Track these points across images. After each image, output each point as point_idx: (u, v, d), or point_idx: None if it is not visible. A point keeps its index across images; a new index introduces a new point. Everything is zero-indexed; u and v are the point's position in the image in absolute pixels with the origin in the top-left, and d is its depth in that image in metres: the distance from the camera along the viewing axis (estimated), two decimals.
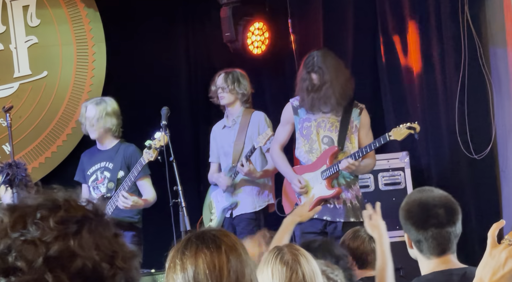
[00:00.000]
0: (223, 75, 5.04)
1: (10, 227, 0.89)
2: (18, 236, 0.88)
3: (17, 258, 0.86)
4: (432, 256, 2.26)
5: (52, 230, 0.89)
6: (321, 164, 4.53)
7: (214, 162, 5.26)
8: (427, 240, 2.25)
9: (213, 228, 2.00)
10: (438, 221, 2.26)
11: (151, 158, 4.41)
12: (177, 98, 6.31)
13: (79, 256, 0.88)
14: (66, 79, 6.21)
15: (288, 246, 2.27)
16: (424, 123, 5.55)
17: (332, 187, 4.51)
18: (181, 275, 1.68)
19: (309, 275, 2.18)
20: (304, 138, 4.60)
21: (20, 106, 6.06)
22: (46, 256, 0.87)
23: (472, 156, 5.21)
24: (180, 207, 4.27)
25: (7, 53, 6.14)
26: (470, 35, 5.25)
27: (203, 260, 1.68)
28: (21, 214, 0.90)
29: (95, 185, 4.87)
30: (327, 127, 4.57)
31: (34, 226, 0.89)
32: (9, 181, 4.26)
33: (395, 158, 5.29)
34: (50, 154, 6.17)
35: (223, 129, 5.19)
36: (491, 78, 5.29)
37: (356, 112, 4.59)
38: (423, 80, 5.54)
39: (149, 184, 4.81)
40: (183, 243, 1.74)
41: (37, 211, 0.90)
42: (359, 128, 4.57)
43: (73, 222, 0.90)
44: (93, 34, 6.26)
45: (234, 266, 1.68)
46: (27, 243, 0.87)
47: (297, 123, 4.63)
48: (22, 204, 0.92)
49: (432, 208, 2.29)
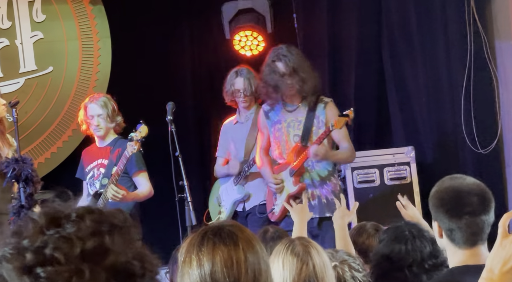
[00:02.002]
0: (243, 79, 5.09)
1: (46, 226, 0.92)
2: (53, 233, 0.92)
3: (55, 250, 0.89)
4: (464, 246, 2.19)
5: (87, 227, 0.93)
6: (290, 163, 4.63)
7: (221, 156, 5.32)
8: (461, 228, 2.17)
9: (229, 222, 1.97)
10: (472, 209, 2.17)
11: (134, 150, 4.40)
12: (182, 93, 6.31)
13: (113, 251, 0.92)
14: (71, 75, 6.22)
15: (299, 238, 2.28)
16: (429, 118, 5.55)
17: (298, 183, 4.58)
18: (198, 272, 1.67)
19: (320, 267, 2.18)
20: (276, 140, 4.72)
21: (26, 101, 6.07)
22: (82, 250, 0.90)
23: (478, 150, 5.21)
24: (186, 202, 4.28)
25: (12, 48, 6.15)
26: (476, 30, 5.24)
27: (220, 258, 1.66)
28: (56, 216, 0.94)
29: (91, 182, 4.87)
30: (295, 125, 4.67)
31: (70, 223, 0.93)
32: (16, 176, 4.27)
33: (401, 152, 5.29)
34: (56, 150, 6.18)
35: (235, 125, 5.27)
36: (497, 73, 5.27)
37: (321, 106, 4.64)
38: (428, 75, 5.53)
39: (145, 179, 4.80)
40: (199, 238, 1.71)
41: (72, 212, 0.95)
42: (326, 122, 4.60)
43: (106, 223, 0.95)
44: (98, 29, 6.27)
45: (251, 264, 1.67)
46: (64, 238, 0.91)
47: (270, 127, 4.75)
48: (56, 208, 0.96)
49: (466, 196, 2.20)
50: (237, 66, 5.29)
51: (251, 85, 5.08)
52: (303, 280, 2.16)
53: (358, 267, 2.60)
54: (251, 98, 5.13)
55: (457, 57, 5.34)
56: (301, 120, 4.64)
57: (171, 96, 5.16)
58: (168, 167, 4.40)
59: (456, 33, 5.33)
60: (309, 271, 2.16)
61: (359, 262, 2.65)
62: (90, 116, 4.82)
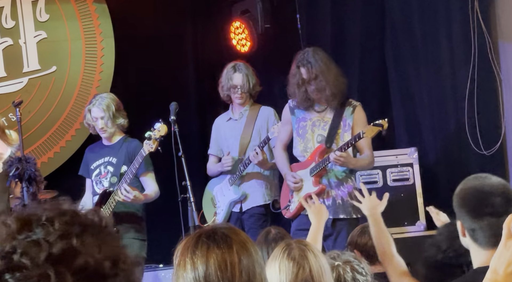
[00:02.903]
0: (242, 75, 5.04)
1: (17, 231, 0.94)
2: (23, 237, 0.93)
3: (22, 255, 0.91)
4: (487, 246, 2.15)
5: (56, 230, 0.93)
6: (311, 162, 4.60)
7: (214, 154, 5.29)
8: (482, 229, 2.14)
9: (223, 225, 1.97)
10: (494, 210, 2.13)
11: (151, 149, 4.41)
12: (185, 93, 6.31)
13: (81, 254, 0.92)
14: (74, 74, 6.22)
15: (297, 242, 2.27)
16: (432, 118, 5.53)
17: (318, 184, 4.55)
18: (192, 275, 1.67)
19: (317, 271, 2.17)
20: (300, 137, 4.67)
21: (29, 101, 6.08)
22: (49, 254, 0.91)
23: (481, 152, 5.19)
24: (189, 202, 4.28)
25: (16, 48, 6.15)
26: (480, 30, 5.22)
27: (214, 261, 1.67)
28: (28, 219, 0.95)
29: (98, 180, 4.87)
30: (321, 126, 4.63)
31: (40, 227, 0.94)
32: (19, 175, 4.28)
33: (404, 154, 5.27)
34: (59, 149, 6.19)
35: (227, 122, 5.21)
36: (501, 73, 5.26)
37: (349, 110, 4.61)
38: (431, 75, 5.52)
39: (152, 180, 4.81)
40: (193, 241, 1.72)
41: (43, 215, 0.95)
42: (353, 126, 4.57)
43: (77, 225, 0.95)
44: (102, 29, 6.27)
45: (245, 266, 1.67)
46: (32, 242, 0.92)
47: (294, 123, 4.70)
48: (30, 211, 0.97)
49: (489, 196, 2.16)
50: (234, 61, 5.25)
51: (249, 82, 5.04)
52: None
53: (362, 270, 2.59)
54: (247, 95, 5.08)
55: (460, 58, 5.33)
56: (327, 121, 4.60)
57: (174, 96, 5.16)
58: (171, 167, 4.40)
59: (459, 34, 5.32)
60: (306, 275, 2.16)
61: (365, 266, 2.63)
62: (94, 118, 4.83)
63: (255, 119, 5.09)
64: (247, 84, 5.03)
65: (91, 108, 4.85)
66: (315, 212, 3.44)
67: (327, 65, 4.56)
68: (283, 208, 4.73)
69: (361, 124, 4.54)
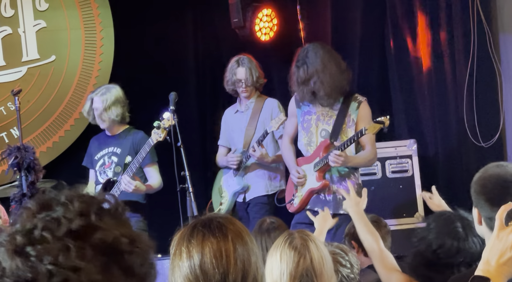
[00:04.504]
0: (245, 69, 5.07)
1: (38, 211, 0.98)
2: (44, 216, 0.98)
3: (43, 230, 0.95)
4: None
5: (75, 208, 0.98)
6: (315, 157, 4.58)
7: (223, 145, 5.33)
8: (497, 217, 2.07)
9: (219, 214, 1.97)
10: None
11: (160, 138, 4.41)
12: (185, 83, 6.31)
13: (100, 229, 0.97)
14: (74, 64, 6.21)
15: (299, 232, 2.28)
16: (432, 111, 5.54)
17: (322, 179, 4.54)
18: (187, 263, 1.68)
19: (318, 260, 2.18)
20: (305, 131, 4.66)
21: (28, 90, 6.07)
22: (69, 229, 0.96)
23: (480, 144, 5.20)
24: (188, 192, 4.29)
25: (15, 37, 6.14)
26: (480, 23, 5.22)
27: (209, 249, 1.68)
28: (48, 201, 1.00)
29: (102, 170, 4.88)
30: (325, 120, 4.61)
31: (60, 206, 0.98)
32: (18, 164, 4.28)
33: (403, 145, 5.28)
34: (58, 139, 6.19)
35: (235, 114, 5.26)
36: (500, 66, 5.26)
37: (354, 105, 4.58)
38: (431, 68, 5.51)
39: (156, 171, 4.82)
40: (189, 230, 1.73)
41: (62, 196, 1.00)
42: (357, 122, 4.55)
43: (95, 204, 1.00)
44: (101, 19, 6.26)
45: (240, 255, 1.68)
46: (52, 219, 0.97)
47: (299, 116, 4.69)
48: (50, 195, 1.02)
49: (510, 185, 2.12)
50: (238, 54, 5.27)
51: (253, 75, 5.08)
52: (300, 273, 2.16)
53: (346, 262, 2.59)
54: (251, 88, 5.13)
55: (460, 50, 5.33)
56: (331, 116, 4.58)
57: (173, 85, 5.16)
58: (170, 157, 4.40)
59: (459, 27, 5.32)
60: (307, 265, 2.17)
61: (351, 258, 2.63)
62: (94, 108, 4.84)
63: (260, 111, 5.13)
64: (250, 77, 5.08)
65: (94, 97, 4.85)
66: (319, 220, 3.43)
67: (324, 64, 4.52)
68: (287, 202, 4.74)
69: (366, 120, 4.51)
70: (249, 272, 1.68)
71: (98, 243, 0.96)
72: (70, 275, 0.93)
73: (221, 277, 1.66)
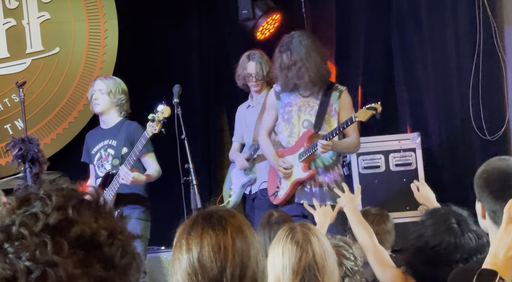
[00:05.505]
0: (255, 64, 5.10)
1: (17, 207, 0.99)
2: (22, 211, 0.98)
3: (20, 226, 0.96)
4: None
5: (53, 203, 0.98)
6: (299, 147, 4.58)
7: (236, 141, 5.37)
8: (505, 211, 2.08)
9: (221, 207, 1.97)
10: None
11: (155, 130, 4.40)
12: (189, 76, 6.30)
13: (78, 223, 0.97)
14: (78, 56, 6.21)
15: (300, 225, 2.27)
16: (437, 104, 5.52)
17: (308, 169, 4.54)
18: (186, 256, 1.68)
19: (320, 255, 2.18)
20: (286, 122, 4.66)
21: (32, 82, 6.07)
22: (46, 224, 0.95)
23: (485, 137, 5.18)
24: (191, 185, 4.29)
25: (19, 28, 6.14)
26: (485, 15, 5.20)
27: (208, 242, 1.68)
28: (27, 196, 1.00)
29: (100, 164, 4.87)
30: (307, 111, 4.61)
31: (38, 201, 0.98)
32: (22, 156, 4.28)
33: (407, 138, 5.27)
34: (62, 131, 6.19)
35: (247, 109, 5.31)
36: (506, 58, 5.24)
37: (336, 95, 4.59)
38: (437, 61, 5.50)
39: (153, 159, 4.80)
40: (190, 223, 1.73)
41: (41, 191, 1.00)
42: (339, 111, 4.56)
43: (74, 198, 1.00)
44: (105, 11, 6.25)
45: (239, 249, 1.68)
46: (29, 215, 0.97)
47: (279, 108, 4.68)
48: (30, 190, 1.02)
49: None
50: (249, 49, 5.28)
51: (263, 70, 5.11)
52: (303, 268, 2.16)
53: (350, 255, 2.59)
54: (262, 82, 5.16)
55: (466, 43, 5.31)
56: (313, 106, 4.59)
57: (177, 78, 5.16)
58: (174, 150, 4.40)
59: (465, 19, 5.29)
60: (309, 259, 2.16)
61: (355, 251, 2.63)
62: (93, 90, 4.83)
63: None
64: (261, 72, 5.11)
65: (97, 80, 4.86)
66: (320, 214, 3.40)
67: (308, 52, 4.52)
68: (271, 194, 4.72)
69: (348, 109, 4.54)
70: (248, 266, 1.67)
71: (75, 237, 0.95)
72: (48, 270, 0.92)
73: (218, 271, 1.66)
